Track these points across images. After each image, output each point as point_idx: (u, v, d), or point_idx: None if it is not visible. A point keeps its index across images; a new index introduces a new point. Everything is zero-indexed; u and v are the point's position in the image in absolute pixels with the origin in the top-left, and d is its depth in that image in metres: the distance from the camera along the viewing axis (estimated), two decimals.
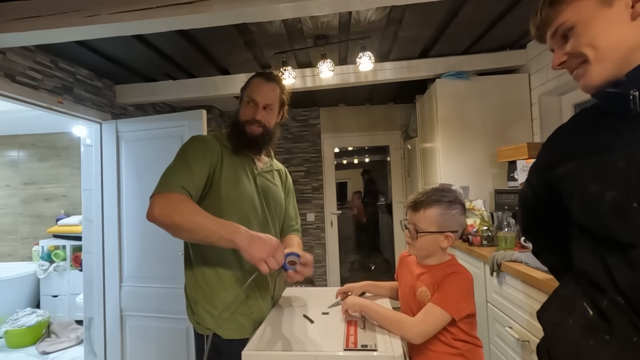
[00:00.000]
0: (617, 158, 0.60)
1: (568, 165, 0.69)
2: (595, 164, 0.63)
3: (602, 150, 0.63)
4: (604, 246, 0.62)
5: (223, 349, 1.06)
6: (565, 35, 0.66)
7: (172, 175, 1.04)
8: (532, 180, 0.85)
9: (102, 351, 2.51)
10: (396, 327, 0.98)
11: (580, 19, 0.63)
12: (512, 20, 2.03)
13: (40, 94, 2.06)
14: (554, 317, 0.74)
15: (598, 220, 0.62)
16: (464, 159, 2.52)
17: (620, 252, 0.59)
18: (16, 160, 3.94)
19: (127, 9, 1.44)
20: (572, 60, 0.67)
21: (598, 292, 0.63)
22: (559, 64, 0.69)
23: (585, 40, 0.63)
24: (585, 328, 0.64)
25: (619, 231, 0.59)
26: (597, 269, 0.63)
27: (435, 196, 1.07)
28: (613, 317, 0.60)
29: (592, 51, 0.63)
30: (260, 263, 0.94)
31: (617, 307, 0.60)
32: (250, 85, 1.23)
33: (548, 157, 0.77)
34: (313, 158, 3.97)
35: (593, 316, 0.64)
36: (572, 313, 0.68)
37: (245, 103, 1.21)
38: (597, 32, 0.62)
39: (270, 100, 1.21)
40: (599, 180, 0.62)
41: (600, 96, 0.66)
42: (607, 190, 0.60)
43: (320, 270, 3.95)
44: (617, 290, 0.59)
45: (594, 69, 0.63)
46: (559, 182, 0.71)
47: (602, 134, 0.65)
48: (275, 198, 1.28)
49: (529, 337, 1.44)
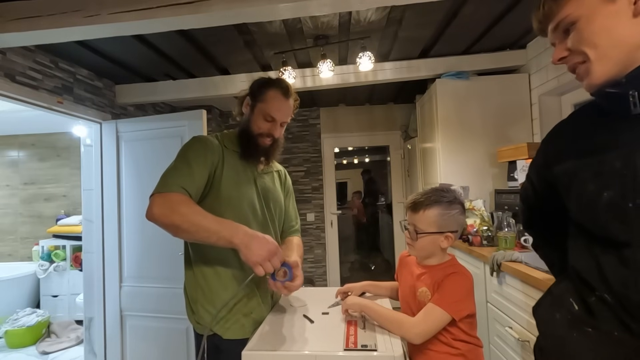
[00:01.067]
0: (615, 158, 0.60)
1: (566, 164, 0.69)
2: (593, 163, 0.64)
3: (600, 150, 0.63)
4: (599, 245, 0.63)
5: (223, 349, 1.06)
6: (567, 29, 0.65)
7: (172, 175, 1.03)
8: (532, 177, 0.85)
9: (102, 351, 2.51)
10: (396, 327, 0.98)
11: (583, 14, 0.62)
12: (512, 20, 2.03)
13: (40, 94, 2.06)
14: (544, 312, 0.76)
15: (594, 219, 0.63)
16: (464, 159, 2.52)
17: (614, 250, 0.60)
18: (16, 160, 3.95)
19: (127, 9, 1.44)
20: (573, 56, 0.66)
21: (587, 289, 0.65)
22: (559, 59, 0.68)
23: (587, 36, 0.62)
24: (570, 322, 0.66)
25: (614, 230, 0.60)
26: (589, 266, 0.64)
27: (435, 197, 1.07)
28: (599, 313, 0.62)
29: (592, 50, 0.62)
30: (255, 266, 0.93)
31: (604, 303, 0.61)
32: (268, 99, 1.17)
33: (547, 155, 0.77)
34: (313, 158, 3.97)
35: (578, 311, 0.66)
36: (560, 308, 0.70)
37: (261, 117, 1.17)
38: (599, 28, 0.61)
39: (288, 117, 1.21)
40: (596, 180, 0.62)
41: (599, 96, 0.66)
42: (604, 189, 0.61)
43: (320, 270, 3.95)
44: (607, 288, 0.61)
45: (595, 68, 0.63)
46: (558, 180, 0.72)
47: (600, 133, 0.65)
48: (275, 199, 1.28)
49: (529, 337, 1.44)
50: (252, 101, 1.20)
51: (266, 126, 1.17)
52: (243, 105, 1.23)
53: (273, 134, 1.19)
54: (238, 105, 1.26)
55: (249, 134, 1.18)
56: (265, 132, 1.18)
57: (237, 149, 1.20)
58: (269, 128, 1.18)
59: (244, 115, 1.22)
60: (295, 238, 1.34)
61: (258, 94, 1.19)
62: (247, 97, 1.22)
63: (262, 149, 1.20)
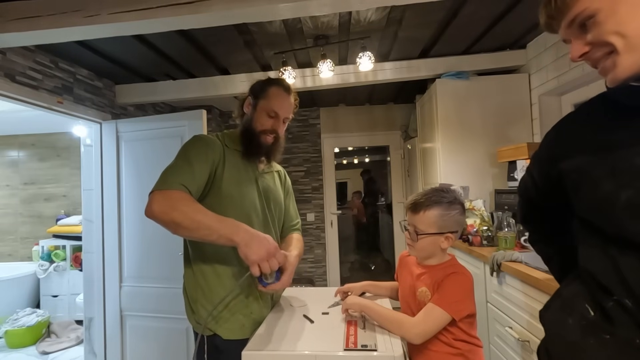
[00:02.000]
0: (635, 156, 0.57)
1: (577, 160, 0.65)
2: (609, 160, 0.60)
3: (617, 147, 0.60)
4: (615, 245, 0.59)
5: (223, 350, 1.05)
6: (584, 24, 0.60)
7: (172, 173, 1.03)
8: (533, 171, 0.81)
9: (102, 351, 2.51)
10: (396, 327, 0.98)
11: (602, 6, 0.57)
12: (512, 20, 2.03)
13: (40, 94, 2.06)
14: (554, 316, 0.72)
15: (610, 219, 0.59)
16: (464, 159, 2.52)
17: (633, 252, 0.57)
18: (16, 160, 3.95)
19: (127, 9, 1.44)
20: (596, 50, 0.60)
21: (603, 293, 0.61)
22: (580, 55, 0.62)
23: (611, 27, 0.57)
24: (585, 327, 0.63)
25: (632, 231, 0.56)
26: (606, 269, 0.61)
27: (435, 197, 1.06)
28: (617, 318, 0.59)
29: (620, 40, 0.56)
30: (253, 265, 0.94)
31: (623, 308, 0.58)
32: (271, 96, 1.19)
33: (552, 149, 0.73)
34: (313, 158, 3.97)
35: (594, 317, 0.62)
36: (572, 313, 0.66)
37: (264, 114, 1.18)
38: (624, 17, 0.56)
39: (290, 114, 1.23)
40: (613, 178, 0.59)
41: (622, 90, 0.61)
42: (622, 188, 0.57)
43: (320, 270, 3.95)
44: (627, 292, 0.57)
45: (624, 60, 0.57)
46: (565, 175, 0.68)
47: (617, 129, 0.61)
48: (276, 199, 1.28)
49: (529, 337, 1.44)
50: (254, 100, 1.21)
51: (269, 122, 1.19)
52: (244, 106, 1.24)
53: (277, 129, 1.20)
54: (238, 107, 1.26)
55: (252, 132, 1.19)
56: (269, 129, 1.19)
57: (239, 148, 1.20)
58: (272, 124, 1.19)
59: (246, 114, 1.23)
60: (295, 234, 1.35)
61: (260, 92, 1.21)
62: (248, 97, 1.24)
63: (265, 148, 1.20)
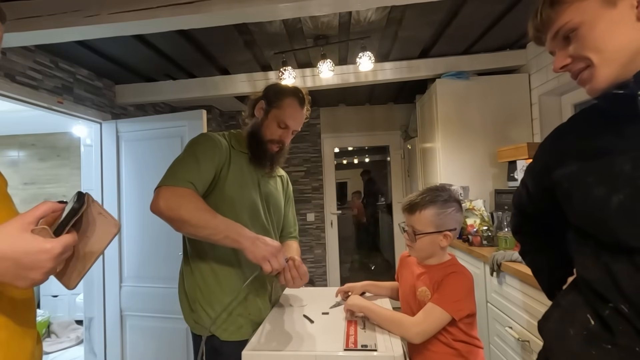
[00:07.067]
0: (624, 161, 0.58)
1: (568, 168, 0.67)
2: (599, 167, 0.62)
3: (606, 153, 0.61)
4: (607, 252, 0.60)
5: (222, 351, 1.05)
6: (567, 37, 0.64)
7: (180, 169, 1.03)
8: (528, 183, 0.83)
9: (102, 351, 2.51)
10: (396, 326, 0.98)
11: (584, 20, 0.61)
12: (512, 20, 2.03)
13: (40, 94, 2.06)
14: (554, 327, 0.72)
15: (602, 225, 0.60)
16: (464, 159, 2.52)
17: (626, 257, 0.58)
18: (16, 160, 3.94)
19: (127, 9, 1.44)
20: (576, 63, 0.64)
21: (600, 300, 0.61)
22: (562, 66, 0.66)
23: (590, 42, 0.61)
24: (586, 338, 0.63)
25: (624, 235, 0.57)
26: (601, 276, 0.61)
27: (429, 197, 1.06)
28: (615, 326, 0.59)
29: (597, 55, 0.61)
30: (264, 262, 0.95)
31: (620, 315, 0.58)
32: (285, 107, 1.17)
33: (545, 161, 0.75)
34: (313, 158, 3.97)
35: (594, 326, 0.62)
36: (573, 323, 0.66)
37: (275, 123, 1.17)
38: (602, 34, 0.60)
39: (299, 127, 1.23)
40: (603, 184, 0.60)
41: (605, 98, 0.64)
42: (613, 193, 0.58)
43: (320, 270, 3.95)
44: (622, 298, 0.58)
45: (600, 73, 0.61)
46: (557, 184, 0.70)
47: (605, 136, 0.64)
48: (276, 204, 1.28)
49: (529, 337, 1.44)
50: (267, 106, 1.19)
51: (278, 133, 1.18)
52: (256, 109, 1.21)
53: (284, 140, 1.20)
54: (250, 107, 1.24)
55: (260, 139, 1.18)
56: (277, 139, 1.18)
57: (244, 150, 1.19)
58: (281, 135, 1.18)
59: (256, 118, 1.21)
60: (293, 242, 1.35)
61: (274, 100, 1.19)
62: (261, 100, 1.21)
63: (270, 155, 1.20)
